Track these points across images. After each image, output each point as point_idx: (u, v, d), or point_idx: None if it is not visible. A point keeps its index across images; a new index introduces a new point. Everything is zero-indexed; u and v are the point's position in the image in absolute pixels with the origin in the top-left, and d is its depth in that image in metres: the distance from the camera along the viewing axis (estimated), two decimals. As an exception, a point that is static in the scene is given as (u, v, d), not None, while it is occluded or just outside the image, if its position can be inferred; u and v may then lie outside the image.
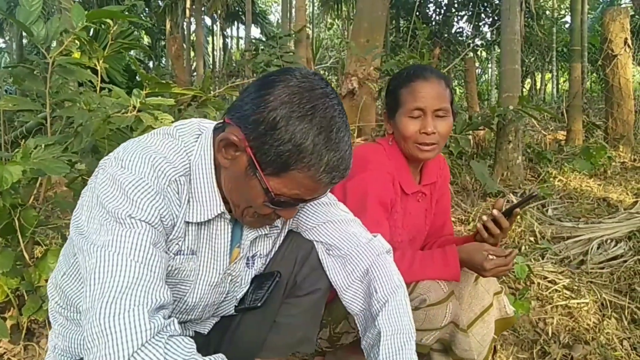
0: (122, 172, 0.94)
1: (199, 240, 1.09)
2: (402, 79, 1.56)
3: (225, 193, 1.05)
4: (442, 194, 1.78)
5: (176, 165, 1.00)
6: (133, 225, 0.91)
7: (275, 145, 0.92)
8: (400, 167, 1.58)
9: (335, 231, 1.26)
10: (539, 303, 2.47)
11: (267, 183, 0.96)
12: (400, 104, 1.54)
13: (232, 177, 1.02)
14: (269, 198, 0.99)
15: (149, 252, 0.91)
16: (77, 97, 2.08)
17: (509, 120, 4.37)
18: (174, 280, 1.08)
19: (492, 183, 3.98)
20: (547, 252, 2.89)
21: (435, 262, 1.48)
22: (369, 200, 1.47)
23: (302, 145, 0.91)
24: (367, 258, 1.24)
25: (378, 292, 1.18)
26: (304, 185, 0.96)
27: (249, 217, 1.07)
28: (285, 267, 1.27)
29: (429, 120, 1.50)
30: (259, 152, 0.94)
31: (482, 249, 1.45)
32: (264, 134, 0.92)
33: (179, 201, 1.01)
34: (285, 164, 0.93)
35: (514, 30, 4.35)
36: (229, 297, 1.24)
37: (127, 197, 0.92)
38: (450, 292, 1.47)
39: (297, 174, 0.94)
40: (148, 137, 1.05)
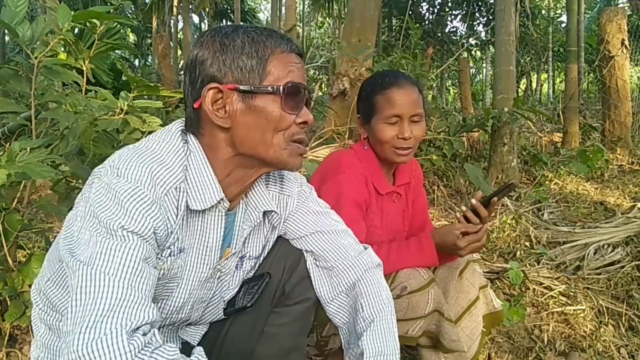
0: (117, 181, 0.91)
1: (191, 234, 1.06)
2: (376, 85, 1.61)
3: (251, 151, 1.03)
4: (418, 194, 1.83)
5: (175, 171, 0.98)
6: (125, 238, 0.88)
7: (239, 59, 0.99)
8: (373, 169, 1.63)
9: (323, 242, 1.23)
10: (534, 309, 2.44)
11: (265, 86, 1.00)
12: (376, 111, 1.59)
13: (241, 125, 1.01)
14: (279, 93, 1.00)
15: (137, 268, 0.88)
16: (63, 99, 2.03)
17: (503, 122, 4.33)
18: (163, 281, 1.05)
19: (487, 186, 3.94)
20: (543, 257, 2.86)
21: (411, 250, 1.54)
22: (343, 200, 1.51)
23: (253, 40, 1.00)
24: (355, 272, 1.22)
25: (364, 310, 1.16)
26: (282, 63, 1.01)
27: (286, 147, 1.04)
28: (274, 274, 1.25)
29: (405, 126, 1.56)
30: (237, 78, 0.99)
31: (453, 229, 1.52)
32: (224, 62, 0.99)
33: (176, 210, 0.98)
34: (258, 63, 0.99)
35: (508, 31, 4.31)
36: (216, 296, 1.20)
37: (122, 207, 0.89)
38: (431, 278, 1.51)
39: (271, 62, 1.00)
40: (144, 142, 1.03)
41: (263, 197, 1.17)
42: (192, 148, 1.03)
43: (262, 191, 1.17)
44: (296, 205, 1.24)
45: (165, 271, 1.03)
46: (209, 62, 1.00)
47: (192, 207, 1.01)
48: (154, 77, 7.48)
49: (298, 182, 1.26)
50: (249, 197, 1.16)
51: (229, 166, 1.06)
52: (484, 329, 1.66)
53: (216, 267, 1.13)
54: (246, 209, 1.16)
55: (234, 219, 1.16)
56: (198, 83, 1.01)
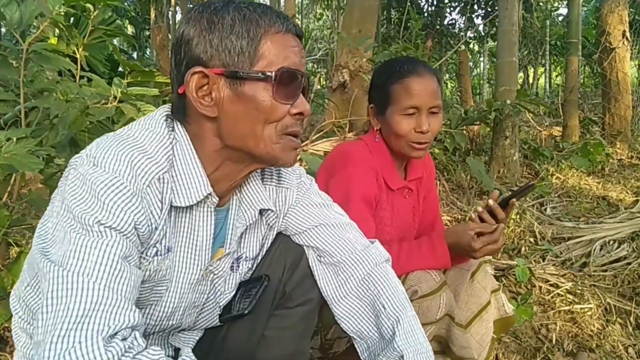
0: (94, 171, 0.83)
1: (178, 233, 0.97)
2: (393, 73, 1.51)
3: (240, 144, 0.94)
4: (429, 190, 1.75)
5: (158, 160, 0.89)
6: (102, 234, 0.80)
7: (227, 39, 0.89)
8: (385, 163, 1.54)
9: (327, 236, 1.15)
10: (540, 308, 2.38)
11: (255, 71, 0.90)
12: (392, 101, 1.49)
13: (229, 115, 0.92)
14: (271, 80, 0.89)
15: (115, 268, 0.80)
16: (54, 87, 1.94)
17: (505, 115, 4.26)
18: (150, 284, 0.97)
19: (489, 181, 3.87)
20: (548, 253, 2.80)
21: (423, 251, 1.44)
22: (353, 197, 1.42)
23: (245, 18, 0.90)
24: (363, 267, 1.13)
25: (387, 309, 1.07)
26: (277, 45, 0.91)
27: (278, 140, 0.94)
28: (274, 273, 1.16)
29: (423, 118, 1.46)
30: (225, 61, 0.89)
31: (467, 229, 1.42)
32: (211, 43, 0.89)
33: (160, 203, 0.89)
34: (249, 44, 0.89)
35: (511, 21, 4.21)
36: (210, 300, 1.11)
37: (98, 200, 0.81)
38: (443, 281, 1.42)
39: (264, 43, 0.90)
40: (126, 129, 0.93)
41: (259, 194, 1.08)
42: (179, 137, 0.94)
43: (258, 186, 1.08)
44: (296, 198, 1.16)
45: (152, 272, 0.95)
46: (195, 42, 0.90)
47: (177, 203, 0.92)
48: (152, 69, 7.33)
49: (297, 174, 1.17)
50: (243, 192, 1.07)
51: (217, 159, 0.97)
52: (494, 335, 1.58)
53: (208, 268, 1.04)
54: (240, 206, 1.07)
55: (227, 215, 1.07)
56: (183, 66, 0.92)
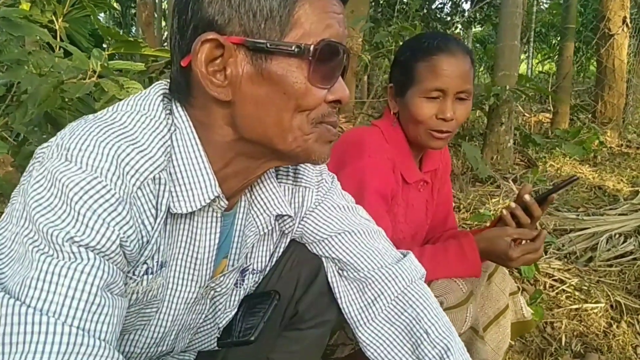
0: (66, 169, 0.62)
1: (175, 243, 0.77)
2: (420, 49, 1.31)
3: (260, 137, 0.73)
4: (444, 182, 1.58)
5: (153, 155, 0.68)
6: (75, 257, 0.60)
7: (254, 0, 0.67)
8: (402, 153, 1.37)
9: (352, 246, 0.95)
10: (545, 305, 2.27)
11: (288, 43, 0.68)
12: (414, 81, 1.30)
13: (248, 99, 0.71)
14: (308, 56, 0.68)
15: (93, 302, 0.60)
16: (26, 58, 1.72)
17: (503, 100, 4.13)
18: (138, 307, 0.78)
19: (484, 168, 3.75)
20: (551, 246, 2.69)
21: (450, 257, 1.29)
22: (367, 192, 1.26)
23: None
24: (396, 284, 0.94)
25: (431, 335, 0.89)
26: (318, 10, 0.69)
27: (312, 130, 0.74)
28: (285, 289, 0.98)
29: (448, 103, 1.27)
30: (247, 27, 0.68)
31: (504, 235, 1.26)
32: (230, 2, 0.67)
33: (155, 210, 0.69)
34: (281, 6, 0.67)
35: (516, 3, 4.03)
36: (208, 321, 0.93)
37: (72, 209, 0.61)
38: (470, 292, 1.28)
39: (301, 7, 0.68)
40: (109, 111, 0.72)
41: (275, 195, 0.88)
42: (179, 122, 0.73)
43: (273, 186, 0.88)
44: (315, 200, 0.96)
45: (140, 294, 0.75)
46: None
47: (176, 209, 0.72)
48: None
49: (317, 170, 0.97)
50: (254, 193, 0.87)
51: (228, 152, 0.76)
52: (511, 342, 1.46)
53: (209, 285, 0.86)
54: (250, 210, 0.87)
55: (233, 220, 0.87)
56: (189, 30, 0.70)
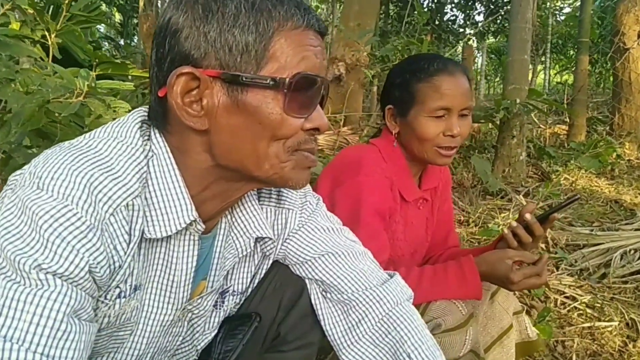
0: (37, 197, 0.63)
1: (150, 266, 0.76)
2: (420, 71, 1.34)
3: (237, 165, 0.74)
4: (444, 200, 1.57)
5: (127, 182, 0.68)
6: (42, 284, 0.61)
7: (229, 33, 0.68)
8: (400, 171, 1.38)
9: (336, 267, 0.94)
10: (556, 322, 2.17)
11: (263, 76, 0.69)
12: (418, 101, 1.32)
13: (224, 129, 0.72)
14: (283, 88, 0.69)
15: (59, 329, 0.60)
16: (13, 76, 1.72)
17: (514, 114, 4.06)
18: (110, 330, 0.76)
19: (495, 182, 3.67)
20: (562, 262, 2.59)
21: (450, 279, 1.26)
22: (364, 209, 1.26)
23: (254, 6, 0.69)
24: (381, 306, 0.91)
25: (414, 359, 0.86)
26: (294, 43, 0.70)
27: (288, 157, 0.74)
28: (266, 311, 0.96)
29: (454, 121, 1.30)
30: (223, 61, 0.69)
31: (505, 257, 1.24)
32: (206, 37, 0.68)
33: (128, 236, 0.68)
34: (257, 41, 0.69)
35: (525, 18, 4.00)
36: (186, 343, 0.90)
37: (41, 237, 0.61)
38: (470, 314, 1.24)
39: (277, 41, 0.69)
40: (86, 138, 0.72)
41: (255, 218, 0.87)
42: (156, 148, 0.74)
43: (254, 208, 0.88)
44: (299, 222, 0.95)
45: (112, 318, 0.74)
46: (185, 33, 0.69)
47: (150, 235, 0.72)
48: (139, 57, 7.11)
49: (301, 192, 0.97)
50: (235, 215, 0.87)
51: (206, 177, 0.77)
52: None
53: (185, 307, 0.84)
54: (230, 232, 0.87)
55: (212, 242, 0.86)
56: (166, 63, 0.71)
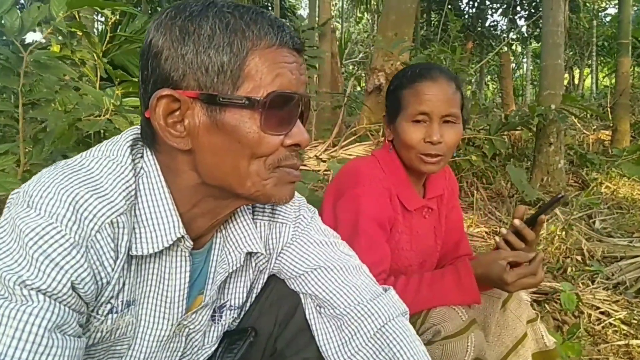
0: (26, 215, 0.66)
1: (144, 282, 0.79)
2: (405, 78, 1.35)
3: (221, 183, 0.77)
4: (452, 208, 1.55)
5: (113, 200, 0.70)
6: (26, 299, 0.63)
7: (204, 54, 0.70)
8: (399, 181, 1.37)
9: (328, 281, 0.93)
10: (589, 339, 2.10)
11: (238, 96, 0.71)
12: (402, 107, 1.33)
13: (206, 148, 0.74)
14: (257, 107, 0.71)
15: (40, 343, 0.63)
16: (52, 96, 1.82)
17: (550, 120, 3.95)
18: (106, 344, 0.79)
19: (531, 190, 3.58)
20: (598, 275, 2.50)
21: (447, 284, 1.25)
22: (362, 219, 1.25)
23: (228, 27, 0.71)
24: (374, 321, 0.90)
25: None
26: (268, 62, 0.72)
27: (269, 175, 0.76)
28: (263, 326, 0.97)
29: (434, 127, 1.28)
30: (201, 82, 0.71)
31: (498, 258, 1.22)
32: (184, 58, 0.70)
33: (113, 252, 0.71)
34: (232, 61, 0.71)
35: (556, 22, 3.91)
36: (186, 357, 0.93)
37: (26, 253, 0.64)
38: (471, 320, 1.22)
39: (252, 60, 0.71)
40: (81, 157, 0.76)
41: (247, 232, 0.89)
42: (147, 166, 0.77)
43: (246, 223, 0.90)
44: (292, 235, 0.96)
45: (105, 333, 0.77)
46: (164, 55, 0.71)
47: (137, 251, 0.74)
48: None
49: (295, 206, 0.97)
50: (228, 230, 0.89)
51: (195, 195, 0.79)
52: None
53: (181, 322, 0.86)
54: (224, 246, 0.89)
55: (207, 257, 0.88)
56: (150, 85, 0.73)
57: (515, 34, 13.63)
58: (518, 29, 13.37)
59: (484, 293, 1.36)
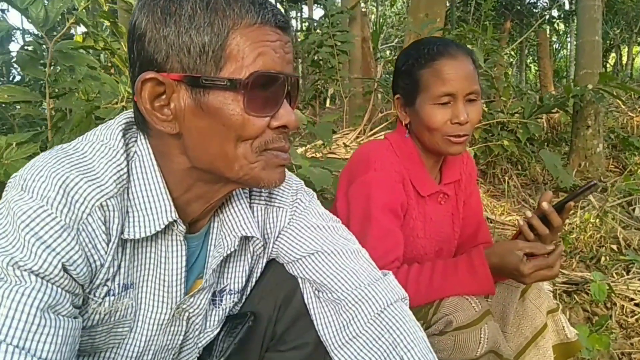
0: (19, 198, 0.68)
1: (142, 266, 0.81)
2: (421, 57, 1.27)
3: (209, 166, 0.77)
4: (470, 194, 1.49)
5: (103, 183, 0.72)
6: (19, 280, 0.65)
7: (186, 35, 0.69)
8: (414, 165, 1.32)
9: (326, 266, 0.93)
10: (622, 332, 2.02)
11: (220, 78, 0.70)
12: (421, 89, 1.26)
13: (193, 131, 0.74)
14: (239, 88, 0.70)
15: (32, 322, 0.64)
16: (76, 86, 1.86)
17: (587, 101, 3.78)
18: (107, 326, 0.81)
19: (567, 176, 3.44)
20: (634, 265, 2.40)
21: (460, 273, 1.21)
22: (374, 207, 1.22)
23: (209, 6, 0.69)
24: (372, 306, 0.90)
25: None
26: (250, 41, 0.71)
27: (257, 158, 0.76)
28: (264, 310, 0.97)
29: (460, 107, 1.23)
30: (184, 63, 0.70)
31: (515, 248, 1.17)
32: (166, 40, 0.70)
33: (105, 235, 0.72)
34: (213, 41, 0.69)
35: (593, -4, 3.73)
36: (189, 340, 0.94)
37: (19, 236, 0.66)
38: (485, 311, 1.18)
39: (233, 39, 0.70)
40: (77, 141, 0.77)
41: (243, 216, 0.89)
42: (140, 151, 0.78)
43: (242, 207, 0.90)
44: (290, 219, 0.96)
45: (103, 315, 0.79)
46: (147, 37, 0.70)
47: (129, 235, 0.75)
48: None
49: (292, 190, 0.97)
50: (224, 214, 0.89)
51: (187, 179, 0.79)
52: None
53: (180, 306, 0.87)
54: (221, 230, 0.89)
55: (204, 242, 0.89)
56: (137, 68, 0.73)
57: (555, 10, 13.11)
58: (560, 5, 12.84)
59: (502, 283, 1.32)
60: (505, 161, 3.99)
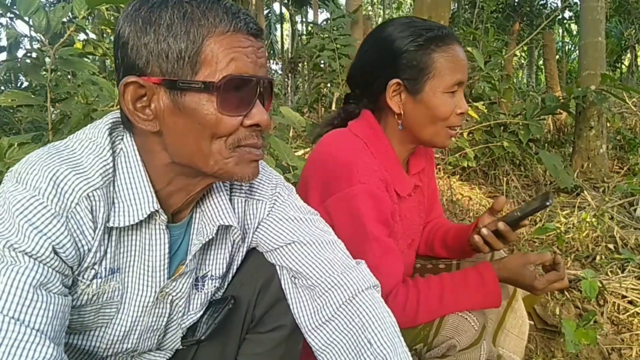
0: (14, 189, 0.77)
1: (128, 252, 0.88)
2: (435, 38, 1.14)
3: (187, 162, 0.84)
4: (430, 179, 1.49)
5: (90, 176, 0.80)
6: (14, 260, 0.74)
7: (164, 42, 0.76)
8: (391, 165, 1.24)
9: (301, 255, 1.00)
10: (613, 328, 2.04)
11: (195, 81, 0.77)
12: (434, 75, 1.14)
13: (172, 129, 0.81)
14: (212, 90, 0.77)
15: (26, 297, 0.72)
16: (76, 90, 1.94)
17: (590, 102, 3.78)
18: (95, 307, 0.89)
19: (567, 177, 3.45)
20: (629, 263, 2.40)
21: (471, 289, 1.22)
22: (368, 223, 1.15)
23: (185, 15, 0.76)
24: (343, 292, 0.96)
25: (373, 345, 0.91)
26: (223, 48, 0.78)
27: (230, 154, 0.83)
28: (244, 295, 1.05)
29: (462, 96, 1.19)
30: (163, 68, 0.77)
31: (527, 262, 1.19)
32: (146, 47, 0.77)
33: (92, 223, 0.80)
34: (189, 48, 0.76)
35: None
36: (173, 321, 1.01)
37: (14, 222, 0.75)
38: (482, 326, 1.22)
39: (207, 46, 0.77)
40: (67, 139, 0.86)
41: (221, 207, 0.96)
42: (125, 147, 0.86)
43: (221, 199, 0.97)
44: (269, 212, 1.03)
45: (92, 296, 0.87)
46: (130, 44, 0.78)
47: (113, 223, 0.82)
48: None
49: (272, 184, 1.04)
50: (205, 205, 0.97)
51: (168, 173, 0.87)
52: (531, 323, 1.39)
53: (163, 290, 0.94)
54: (201, 220, 0.97)
55: (187, 231, 0.97)
56: (120, 72, 0.81)
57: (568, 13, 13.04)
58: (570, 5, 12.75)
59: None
60: (506, 162, 4.00)
